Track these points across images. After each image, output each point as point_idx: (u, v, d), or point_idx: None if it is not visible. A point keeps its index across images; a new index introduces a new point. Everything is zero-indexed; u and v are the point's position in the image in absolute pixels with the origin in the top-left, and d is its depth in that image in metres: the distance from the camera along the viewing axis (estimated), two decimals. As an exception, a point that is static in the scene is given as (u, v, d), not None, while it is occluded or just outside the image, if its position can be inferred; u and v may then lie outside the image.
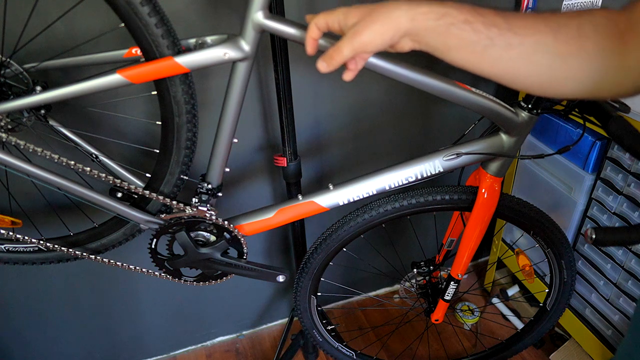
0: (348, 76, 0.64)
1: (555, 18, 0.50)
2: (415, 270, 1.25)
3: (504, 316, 1.68)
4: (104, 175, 0.85)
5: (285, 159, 1.12)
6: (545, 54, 0.50)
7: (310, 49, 0.65)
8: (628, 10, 0.50)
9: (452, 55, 0.55)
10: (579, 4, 1.34)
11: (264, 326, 1.71)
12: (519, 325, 1.63)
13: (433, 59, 0.62)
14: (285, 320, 1.70)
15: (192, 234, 0.95)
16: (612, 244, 0.65)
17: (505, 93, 1.45)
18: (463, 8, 0.52)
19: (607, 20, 0.50)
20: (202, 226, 0.95)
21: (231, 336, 1.68)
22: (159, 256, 0.98)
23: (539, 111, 0.86)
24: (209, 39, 0.86)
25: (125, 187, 0.88)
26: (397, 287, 1.82)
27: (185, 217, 0.92)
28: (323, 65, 0.60)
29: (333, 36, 0.69)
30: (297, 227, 1.30)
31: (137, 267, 1.01)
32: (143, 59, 0.77)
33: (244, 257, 1.00)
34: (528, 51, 0.51)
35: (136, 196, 0.93)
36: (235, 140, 0.88)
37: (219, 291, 1.50)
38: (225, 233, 0.96)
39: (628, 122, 0.75)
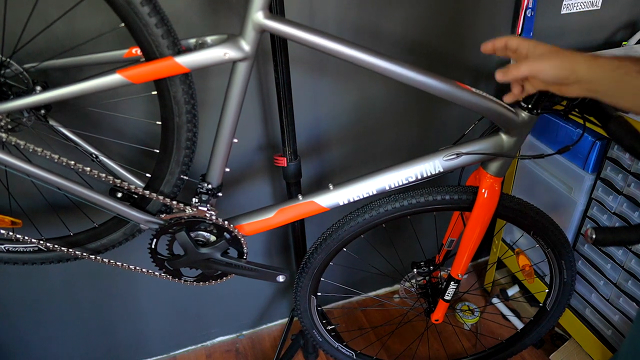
0: (508, 98, 0.78)
1: None
2: (415, 270, 1.25)
3: (504, 316, 1.68)
4: (104, 175, 0.85)
5: (285, 159, 1.12)
6: None
7: (485, 48, 0.77)
8: None
9: (624, 101, 0.62)
10: (578, 4, 1.34)
11: (264, 326, 1.71)
12: (519, 325, 1.63)
13: (433, 59, 0.62)
14: (285, 320, 1.70)
15: (192, 234, 0.95)
16: (612, 244, 0.65)
17: (505, 93, 1.45)
18: (637, 60, 0.60)
19: None
20: (202, 226, 0.95)
21: (231, 336, 1.68)
22: (159, 256, 0.98)
23: (539, 111, 0.86)
24: (209, 39, 0.86)
25: (125, 187, 0.88)
26: (397, 287, 1.81)
27: (185, 217, 0.92)
28: (500, 74, 0.72)
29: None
30: (297, 227, 1.30)
31: (137, 267, 1.00)
32: (143, 59, 0.77)
33: (244, 257, 1.00)
34: None
35: (136, 196, 0.93)
36: (236, 140, 0.88)
37: (219, 291, 1.50)
38: (225, 233, 0.96)
39: (628, 122, 0.75)
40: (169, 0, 0.85)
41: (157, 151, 0.89)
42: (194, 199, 0.92)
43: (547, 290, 1.22)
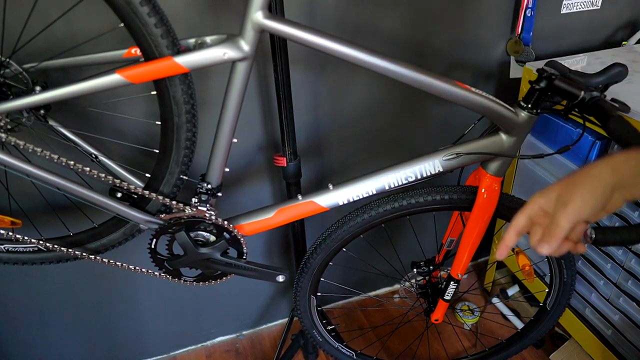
0: (580, 250, 0.62)
1: None
2: (415, 270, 1.25)
3: (504, 316, 1.68)
4: (103, 175, 0.85)
5: (285, 158, 1.12)
6: None
7: (501, 254, 0.63)
8: None
9: None
10: (578, 3, 1.34)
11: (264, 326, 1.71)
12: (519, 325, 1.63)
13: (433, 59, 0.62)
14: (285, 320, 1.70)
15: (191, 234, 0.95)
16: (612, 244, 0.65)
17: (505, 93, 1.45)
18: None
19: None
20: (202, 226, 0.95)
21: (231, 336, 1.68)
22: (158, 256, 0.98)
23: (539, 111, 0.86)
24: (208, 39, 0.86)
25: (125, 187, 0.88)
26: (397, 287, 1.81)
27: (185, 217, 0.92)
28: (545, 248, 0.56)
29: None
30: (297, 227, 1.30)
31: (137, 267, 1.00)
32: (142, 59, 0.77)
33: (244, 257, 1.00)
34: None
35: (136, 196, 0.93)
36: (235, 140, 0.88)
37: (219, 291, 1.50)
38: (225, 233, 0.96)
39: (628, 122, 0.75)
40: (168, 0, 0.85)
41: (157, 151, 0.89)
42: (193, 199, 0.92)
43: (547, 290, 1.22)
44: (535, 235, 0.58)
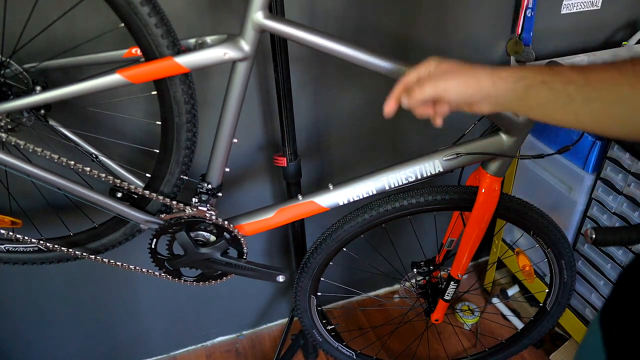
0: (438, 121, 0.71)
1: (631, 67, 0.49)
2: (415, 270, 1.25)
3: (504, 316, 1.68)
4: (103, 175, 0.85)
5: (285, 159, 1.12)
6: (624, 106, 0.50)
7: (389, 108, 0.73)
8: None
9: (534, 113, 0.57)
10: (578, 4, 1.34)
11: (264, 326, 1.71)
12: (519, 325, 1.63)
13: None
14: (285, 320, 1.70)
15: (192, 234, 0.95)
16: (612, 244, 0.65)
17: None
18: (541, 70, 0.55)
19: None
20: (202, 226, 0.95)
21: (231, 336, 1.68)
22: (159, 256, 0.98)
23: (539, 111, 0.86)
24: (208, 39, 0.86)
25: (125, 187, 0.88)
26: (397, 287, 1.81)
27: (185, 217, 0.92)
28: (404, 100, 0.68)
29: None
30: (297, 227, 1.30)
31: (137, 267, 1.01)
32: (143, 59, 0.77)
33: (244, 257, 1.00)
34: (607, 104, 0.50)
35: (136, 196, 0.93)
36: (235, 140, 0.88)
37: (219, 291, 1.50)
38: (225, 233, 0.96)
39: (628, 122, 0.75)
40: (168, 0, 0.85)
41: (157, 151, 0.89)
42: (193, 199, 0.92)
43: (547, 290, 1.22)
44: (410, 90, 0.66)
